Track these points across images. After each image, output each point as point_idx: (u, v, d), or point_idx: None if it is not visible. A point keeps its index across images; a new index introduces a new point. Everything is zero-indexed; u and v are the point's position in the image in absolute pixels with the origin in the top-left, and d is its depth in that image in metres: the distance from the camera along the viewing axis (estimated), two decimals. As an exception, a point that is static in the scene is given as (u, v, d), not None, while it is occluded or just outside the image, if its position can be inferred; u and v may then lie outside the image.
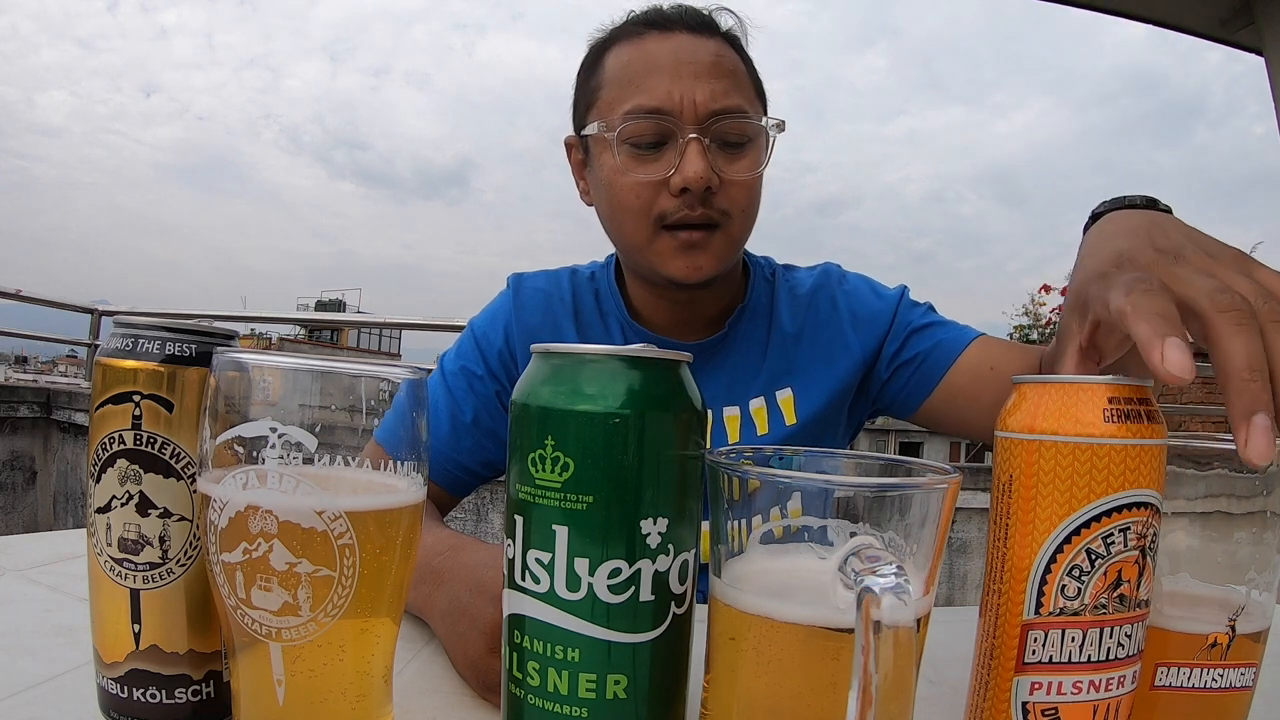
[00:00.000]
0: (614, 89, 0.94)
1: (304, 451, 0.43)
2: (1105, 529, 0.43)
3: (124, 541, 0.47)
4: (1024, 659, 0.44)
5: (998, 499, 0.46)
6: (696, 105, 0.90)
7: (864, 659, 0.34)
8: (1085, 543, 0.43)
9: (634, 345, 0.44)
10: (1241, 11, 2.79)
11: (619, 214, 0.95)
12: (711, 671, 0.45)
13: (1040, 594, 0.44)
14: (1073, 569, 0.43)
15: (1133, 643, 0.44)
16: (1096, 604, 0.43)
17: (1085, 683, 0.43)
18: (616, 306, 1.07)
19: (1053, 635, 0.44)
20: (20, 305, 5.61)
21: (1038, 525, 0.44)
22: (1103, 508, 0.43)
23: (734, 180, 0.93)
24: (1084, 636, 0.43)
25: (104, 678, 0.49)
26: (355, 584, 0.43)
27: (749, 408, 1.04)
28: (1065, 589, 0.43)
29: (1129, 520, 0.43)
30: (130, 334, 0.48)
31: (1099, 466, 0.43)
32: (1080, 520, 0.43)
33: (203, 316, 5.29)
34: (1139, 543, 0.43)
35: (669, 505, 0.42)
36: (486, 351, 1.06)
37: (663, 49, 0.93)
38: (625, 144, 0.92)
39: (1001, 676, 0.45)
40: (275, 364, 0.44)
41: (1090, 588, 0.43)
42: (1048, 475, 0.44)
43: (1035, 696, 0.44)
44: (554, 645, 0.41)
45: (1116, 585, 0.43)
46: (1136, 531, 0.43)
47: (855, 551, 0.38)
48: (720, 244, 0.94)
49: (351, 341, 30.30)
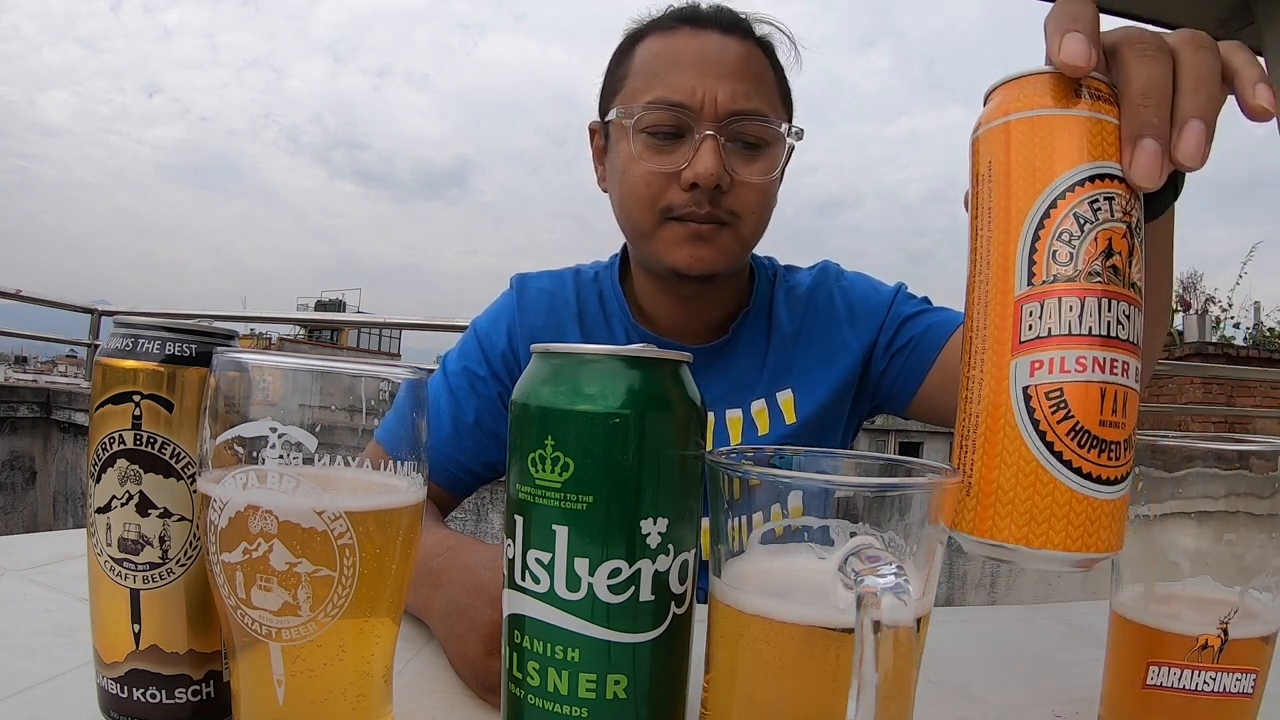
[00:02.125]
0: (639, 79, 0.96)
1: (304, 451, 0.43)
2: (1090, 194, 0.42)
3: (124, 541, 0.47)
4: (1021, 338, 0.42)
5: (977, 192, 0.45)
6: (717, 104, 0.91)
7: (864, 659, 0.34)
8: (1071, 207, 0.42)
9: (634, 345, 0.44)
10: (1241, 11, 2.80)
11: (628, 201, 0.96)
12: (711, 671, 0.45)
13: (1031, 264, 0.42)
14: (1061, 234, 0.42)
15: (1132, 326, 0.42)
16: (1090, 270, 0.41)
17: (1089, 359, 0.41)
18: (620, 307, 1.07)
19: (1050, 304, 0.41)
20: (20, 305, 5.62)
21: (1020, 198, 0.43)
22: (1086, 173, 0.42)
23: (746, 182, 0.93)
24: (1082, 305, 0.41)
25: (104, 678, 0.49)
26: (355, 584, 0.43)
27: (750, 410, 1.04)
28: (1057, 254, 0.42)
29: (1112, 191, 0.42)
30: (130, 334, 0.48)
31: (1077, 136, 0.42)
32: (1064, 185, 0.42)
33: (203, 316, 5.29)
34: (1125, 218, 0.42)
35: (669, 505, 0.42)
36: (489, 352, 1.06)
37: (692, 45, 0.94)
38: (643, 133, 0.93)
39: (998, 363, 0.43)
40: (275, 364, 0.44)
41: (1082, 252, 0.41)
42: (1026, 151, 0.43)
43: (1037, 378, 0.41)
44: (554, 645, 0.41)
45: (1109, 254, 0.41)
46: (1120, 206, 0.42)
47: (855, 551, 0.38)
48: (728, 241, 0.95)
49: (351, 341, 30.31)
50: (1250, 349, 7.55)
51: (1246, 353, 7.43)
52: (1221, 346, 7.38)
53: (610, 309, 1.08)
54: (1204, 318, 7.53)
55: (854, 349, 1.06)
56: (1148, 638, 0.48)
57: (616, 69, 1.01)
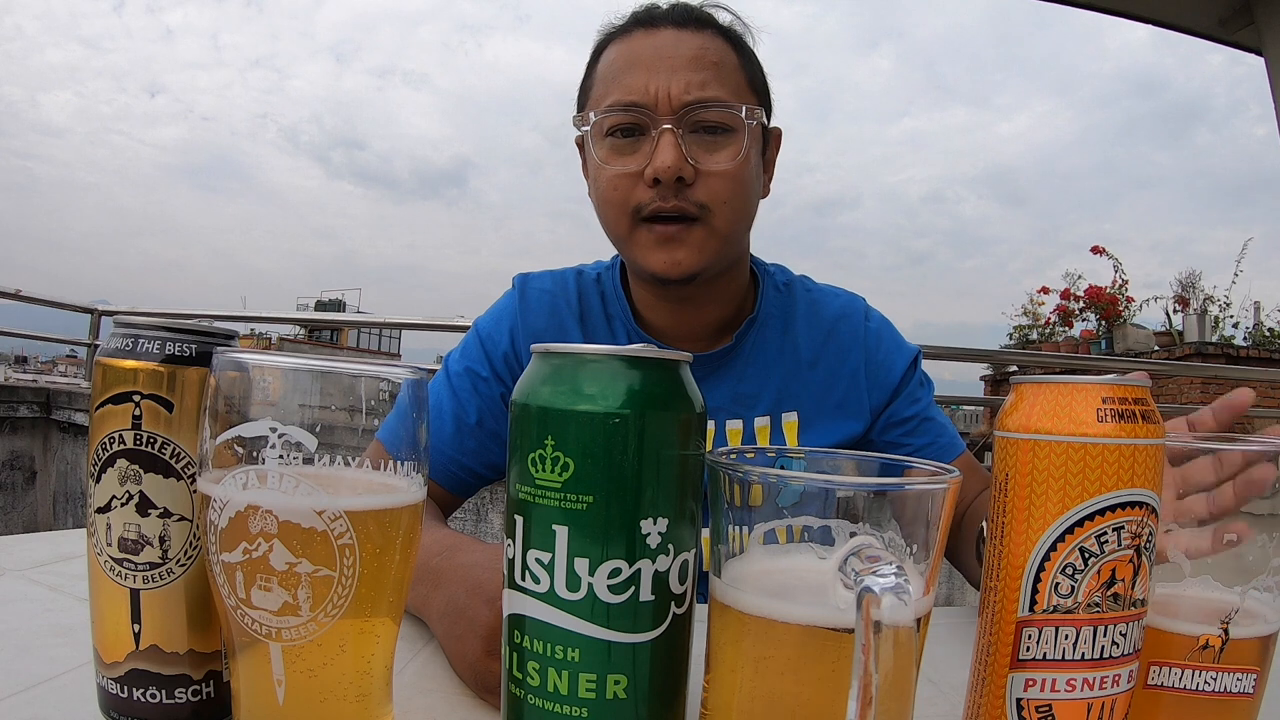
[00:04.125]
0: (600, 86, 0.97)
1: (304, 451, 0.43)
2: (1099, 527, 0.43)
3: (124, 541, 0.47)
4: (1019, 655, 0.44)
5: (995, 497, 0.46)
6: (671, 97, 0.91)
7: (864, 659, 0.34)
8: (1079, 541, 0.43)
9: (634, 345, 0.44)
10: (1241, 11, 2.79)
11: (603, 206, 0.97)
12: (711, 671, 0.45)
13: (1034, 591, 0.44)
14: (1066, 567, 0.43)
15: (1128, 641, 0.44)
16: (1090, 602, 0.43)
17: (1079, 680, 0.44)
18: (622, 309, 1.07)
19: (1047, 632, 0.44)
20: (20, 305, 5.61)
21: (1032, 523, 0.44)
22: (1096, 506, 0.43)
23: (712, 171, 0.92)
24: (1077, 634, 0.43)
25: (104, 678, 0.49)
26: (355, 584, 0.43)
27: (753, 424, 1.03)
28: (1059, 586, 0.44)
29: (1123, 519, 0.43)
30: (130, 334, 0.48)
31: (1092, 466, 0.43)
32: (1074, 518, 0.43)
33: (203, 316, 5.29)
34: (1134, 542, 0.43)
35: (669, 505, 0.42)
36: (491, 353, 1.06)
37: (646, 45, 0.94)
38: (606, 137, 0.94)
39: (997, 673, 0.45)
40: (275, 364, 0.44)
41: (1084, 586, 0.43)
42: (1042, 474, 0.44)
43: (1030, 693, 0.44)
44: (554, 645, 0.41)
45: (1110, 584, 0.43)
46: (1131, 531, 0.43)
47: (855, 551, 0.38)
48: (700, 237, 0.94)
49: (351, 341, 30.29)
50: (1250, 349, 7.55)
51: (1246, 352, 7.43)
52: (1221, 346, 7.38)
53: (612, 311, 1.08)
54: (1203, 317, 7.52)
55: (865, 411, 1.06)
56: (1149, 638, 0.48)
57: (585, 81, 1.02)
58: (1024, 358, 7.24)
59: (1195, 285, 7.93)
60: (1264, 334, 7.90)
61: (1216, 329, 7.59)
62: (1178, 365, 6.75)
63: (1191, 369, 6.66)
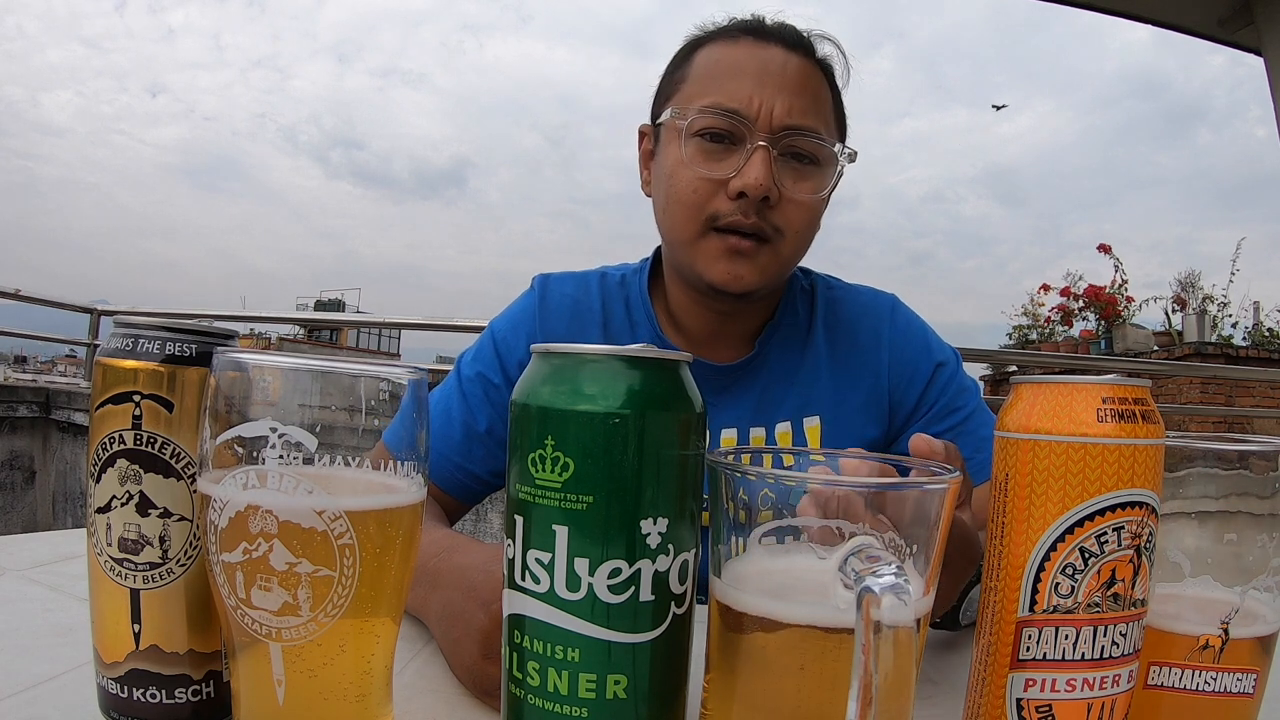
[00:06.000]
0: (697, 84, 0.95)
1: (304, 451, 0.43)
2: (1099, 528, 0.43)
3: (124, 541, 0.47)
4: (1018, 656, 0.45)
5: (995, 497, 0.46)
6: (773, 116, 0.90)
7: (864, 659, 0.34)
8: (1078, 541, 0.43)
9: (634, 345, 0.44)
10: (1241, 11, 2.79)
11: (673, 206, 0.95)
12: (711, 671, 0.45)
13: (1034, 591, 0.44)
14: (1066, 567, 0.43)
15: (1128, 641, 0.44)
16: (1090, 602, 0.43)
17: (1079, 680, 0.44)
18: (648, 316, 1.05)
19: (1046, 633, 0.44)
20: (20, 305, 5.61)
21: (1032, 524, 0.44)
22: (1096, 506, 0.43)
23: (794, 199, 0.92)
24: (1077, 634, 0.43)
25: (104, 678, 0.49)
26: (355, 584, 0.43)
27: (774, 431, 1.01)
28: (1059, 587, 0.44)
29: (1123, 520, 0.43)
30: (130, 334, 0.48)
31: (1092, 466, 0.43)
32: (1073, 519, 0.43)
33: (203, 316, 5.29)
34: (1133, 542, 0.43)
35: (669, 505, 0.42)
36: (506, 359, 1.03)
37: (753, 56, 0.94)
38: (695, 137, 0.93)
39: (997, 673, 0.46)
40: (275, 364, 0.44)
41: (1083, 586, 0.43)
42: (1042, 474, 0.44)
43: (1030, 693, 0.44)
44: (554, 645, 0.41)
45: (1110, 584, 0.43)
46: (1131, 531, 0.43)
47: (855, 551, 0.38)
48: (767, 259, 0.94)
49: (351, 341, 30.29)
50: (1249, 349, 7.55)
51: (1245, 352, 7.43)
52: (1220, 346, 7.37)
53: (637, 317, 1.06)
54: (1203, 317, 7.51)
55: (889, 413, 1.03)
56: (1149, 637, 0.48)
57: (674, 73, 1.00)
58: (1024, 358, 7.23)
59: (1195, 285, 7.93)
60: (1263, 334, 7.90)
61: (1216, 329, 7.58)
62: (1177, 365, 6.74)
63: (1191, 369, 6.66)
